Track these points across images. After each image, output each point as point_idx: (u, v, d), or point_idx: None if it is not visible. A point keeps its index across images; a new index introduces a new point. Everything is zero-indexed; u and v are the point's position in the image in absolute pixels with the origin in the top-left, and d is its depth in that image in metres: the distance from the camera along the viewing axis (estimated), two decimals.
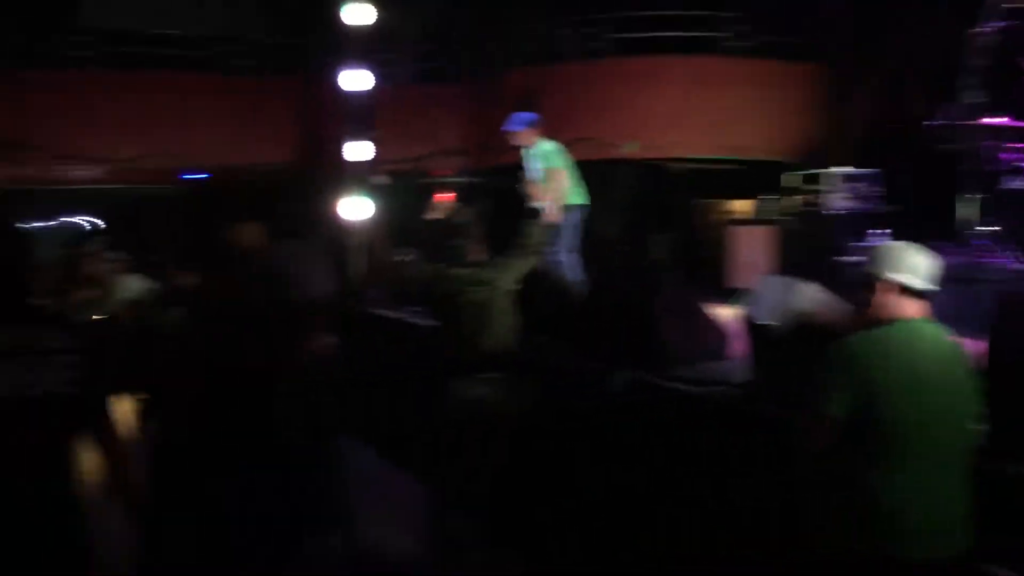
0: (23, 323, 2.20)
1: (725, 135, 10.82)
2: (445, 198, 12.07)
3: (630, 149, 10.91)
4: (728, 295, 6.42)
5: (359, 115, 9.60)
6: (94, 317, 8.96)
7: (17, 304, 2.27)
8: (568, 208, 7.11)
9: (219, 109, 11.19)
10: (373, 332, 7.43)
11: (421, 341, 5.83)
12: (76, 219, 14.00)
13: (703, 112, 10.79)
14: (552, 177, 7.06)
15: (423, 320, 5.50)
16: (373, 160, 9.76)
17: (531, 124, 7.30)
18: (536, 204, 7.04)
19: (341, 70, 9.51)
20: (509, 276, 4.90)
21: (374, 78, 9.65)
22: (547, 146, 7.23)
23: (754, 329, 4.58)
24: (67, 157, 10.75)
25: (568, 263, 7.12)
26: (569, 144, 7.37)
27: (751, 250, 8.58)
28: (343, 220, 9.38)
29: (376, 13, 9.33)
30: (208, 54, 11.51)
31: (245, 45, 11.70)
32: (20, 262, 2.17)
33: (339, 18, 9.20)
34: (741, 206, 11.70)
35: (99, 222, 15.14)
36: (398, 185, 10.88)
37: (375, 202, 9.60)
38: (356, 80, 9.50)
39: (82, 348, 2.30)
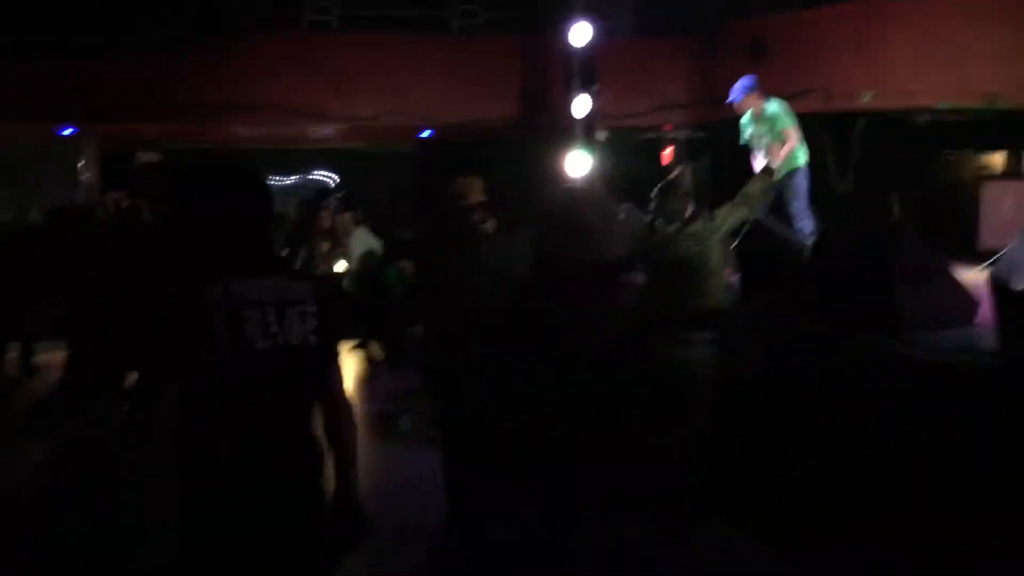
0: (269, 275, 2.33)
1: (974, 81, 9.77)
2: (666, 153, 11.92)
3: (866, 99, 10.15)
4: (980, 257, 5.90)
5: (581, 70, 9.60)
6: (333, 269, 9.60)
7: (264, 257, 2.40)
8: (794, 169, 6.85)
9: (449, 67, 11.49)
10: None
11: (634, 300, 5.75)
12: (317, 176, 14.95)
13: (948, 56, 9.80)
14: (782, 137, 6.81)
15: (638, 278, 5.42)
16: (594, 115, 9.75)
17: (752, 89, 7.06)
18: (761, 163, 6.79)
19: (565, 24, 9.53)
20: (723, 231, 4.73)
21: (596, 32, 9.62)
22: (773, 107, 7.01)
23: (1006, 294, 4.15)
24: (310, 116, 11.41)
25: (798, 223, 6.85)
26: (796, 97, 6.98)
27: (1006, 208, 7.83)
28: (566, 176, 9.43)
29: None
30: (439, 14, 11.80)
31: (475, 4, 11.91)
32: (267, 217, 2.32)
33: None
34: (994, 160, 10.73)
35: (336, 178, 16.16)
36: (618, 140, 10.80)
37: (595, 157, 9.60)
38: (579, 34, 9.49)
39: (321, 299, 2.41)
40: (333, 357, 2.51)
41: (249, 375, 2.25)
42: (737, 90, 7.07)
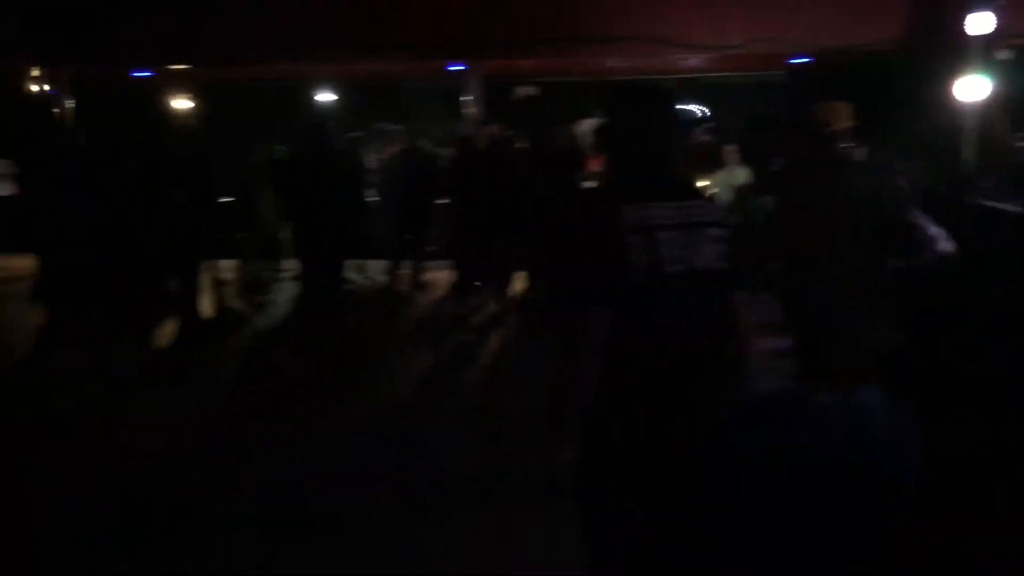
0: (680, 198, 2.41)
1: None
2: None
3: None
4: None
5: None
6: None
7: (675, 179, 2.49)
8: None
9: None
10: (983, 227, 6.70)
11: None
12: (688, 107, 14.89)
13: None
14: None
15: None
16: (995, 33, 8.69)
17: None
18: None
19: None
20: None
21: None
22: None
23: None
24: (681, 47, 11.38)
25: None
26: None
27: None
28: (959, 102, 8.55)
29: None
30: None
31: None
32: (680, 138, 2.45)
33: None
34: None
35: (704, 109, 15.98)
36: (1021, 61, 9.56)
37: (995, 81, 8.58)
38: None
39: (728, 223, 2.47)
40: (740, 282, 2.50)
41: (664, 298, 2.29)
42: None
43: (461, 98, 12.59)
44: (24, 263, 9.34)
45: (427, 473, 4.85)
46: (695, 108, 15.81)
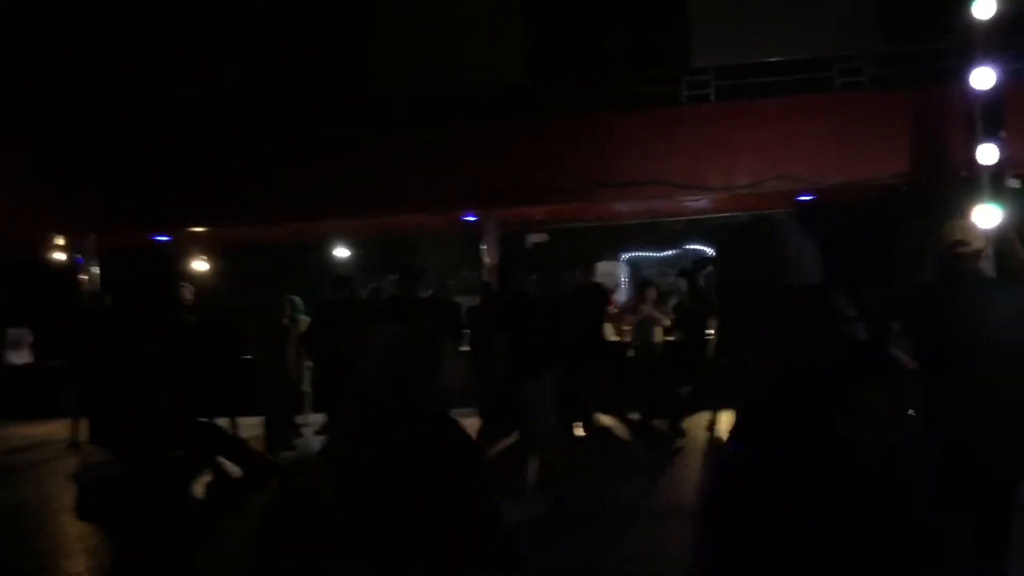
0: None
1: None
2: None
3: None
4: None
5: (985, 116, 8.92)
6: None
7: None
8: None
9: (826, 129, 11.26)
10: None
11: None
12: (692, 247, 15.13)
13: None
14: None
15: None
16: (1003, 163, 8.99)
17: None
18: None
19: (966, 70, 8.96)
20: None
21: (1000, 74, 8.94)
22: None
23: None
24: (688, 188, 11.70)
25: None
26: None
27: None
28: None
29: (999, 4, 8.73)
30: (812, 76, 11.67)
31: (851, 62, 11.64)
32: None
33: (964, 16, 8.74)
34: None
35: (709, 249, 16.27)
36: None
37: (1006, 208, 8.80)
38: (981, 79, 8.86)
39: None
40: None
41: None
42: None
43: (479, 246, 12.80)
44: (43, 429, 9.29)
45: None
46: (701, 247, 16.14)
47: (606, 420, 10.27)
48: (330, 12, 12.87)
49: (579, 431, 9.79)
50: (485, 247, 12.65)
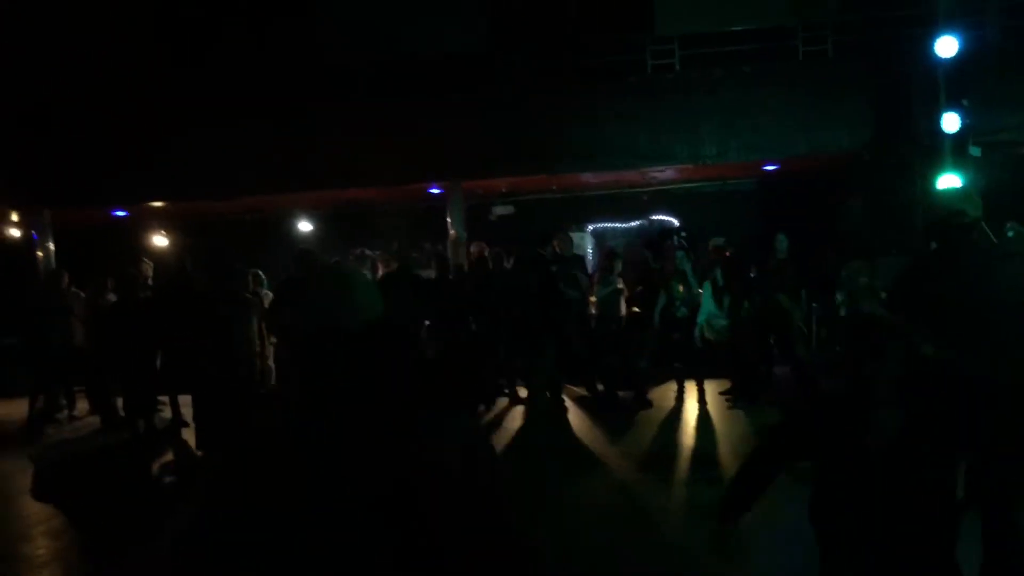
0: None
1: None
2: None
3: None
4: None
5: (949, 84, 8.95)
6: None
7: None
8: None
9: (790, 98, 11.26)
10: None
11: None
12: (657, 218, 15.08)
13: None
14: None
15: None
16: (964, 132, 9.04)
17: None
18: None
19: (929, 38, 8.98)
20: None
21: (963, 42, 8.96)
22: None
23: None
24: (655, 159, 11.67)
25: None
26: None
27: None
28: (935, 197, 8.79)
29: None
30: (775, 45, 11.63)
31: (814, 31, 11.61)
32: None
33: None
34: None
35: (675, 220, 16.25)
36: (993, 157, 9.88)
37: (966, 177, 8.86)
38: (945, 47, 8.88)
39: None
40: None
41: None
42: None
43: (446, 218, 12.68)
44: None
45: None
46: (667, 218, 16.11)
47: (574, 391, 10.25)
48: None
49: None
50: (450, 219, 12.54)
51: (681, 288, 9.52)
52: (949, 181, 8.73)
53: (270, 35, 12.12)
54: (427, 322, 10.05)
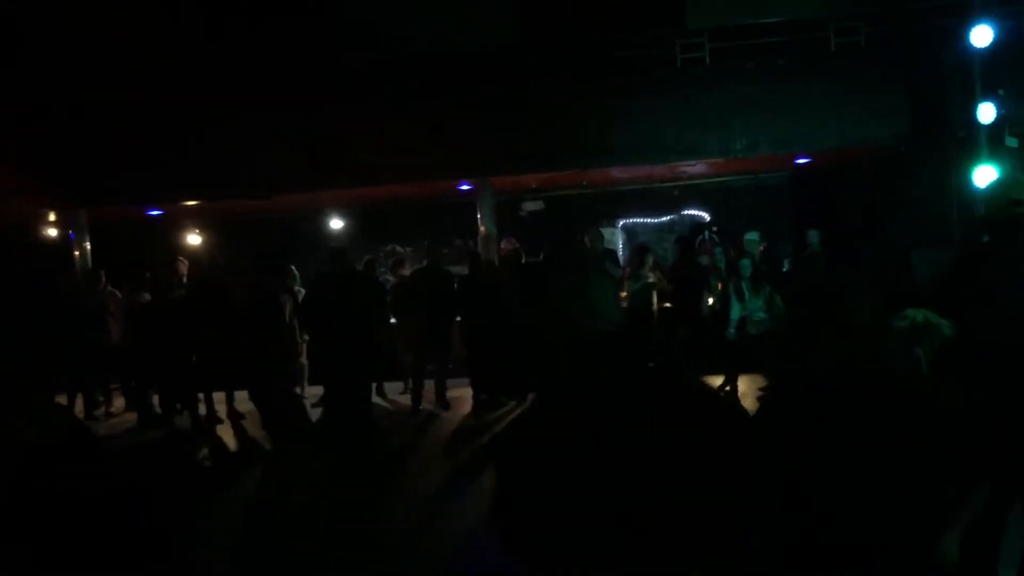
0: None
1: None
2: None
3: None
4: None
5: (984, 74, 8.83)
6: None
7: None
8: None
9: (823, 90, 11.13)
10: None
11: None
12: (689, 212, 15.01)
13: None
14: None
15: None
16: (1000, 122, 8.91)
17: None
18: None
19: (964, 28, 8.85)
20: None
21: (998, 32, 8.84)
22: None
23: None
24: (685, 153, 11.60)
25: None
26: None
27: None
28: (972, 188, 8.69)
29: None
30: (817, 36, 11.48)
31: (847, 22, 11.45)
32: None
33: None
34: None
35: (706, 215, 16.15)
36: None
37: (1002, 168, 8.74)
38: (980, 36, 8.75)
39: None
40: None
41: None
42: None
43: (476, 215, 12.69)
44: None
45: None
46: (698, 213, 16.01)
47: None
48: None
49: None
50: (480, 216, 12.56)
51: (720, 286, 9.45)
52: (985, 172, 8.61)
53: (302, 34, 12.17)
54: (458, 318, 10.09)
